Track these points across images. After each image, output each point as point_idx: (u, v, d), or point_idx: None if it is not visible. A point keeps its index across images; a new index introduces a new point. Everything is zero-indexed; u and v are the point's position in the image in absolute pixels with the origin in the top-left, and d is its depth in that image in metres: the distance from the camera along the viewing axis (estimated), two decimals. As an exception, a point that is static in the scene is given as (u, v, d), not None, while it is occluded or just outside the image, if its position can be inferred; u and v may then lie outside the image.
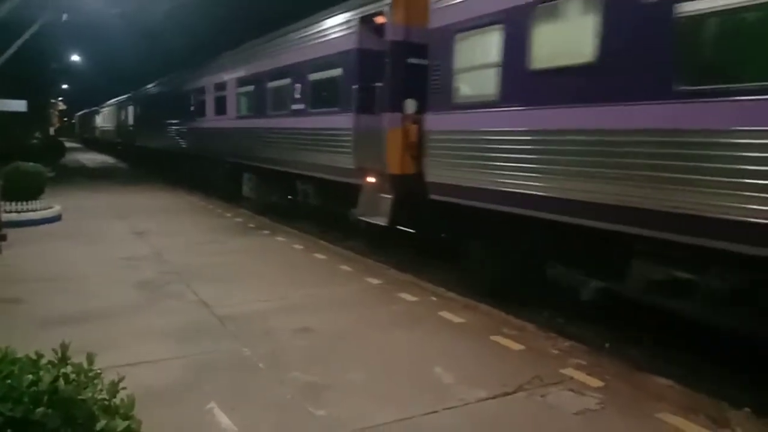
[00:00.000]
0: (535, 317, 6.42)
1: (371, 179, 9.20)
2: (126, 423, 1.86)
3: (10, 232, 10.20)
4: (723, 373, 5.14)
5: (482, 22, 6.87)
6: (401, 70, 8.62)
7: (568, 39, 5.94)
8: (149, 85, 28.21)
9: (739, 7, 4.42)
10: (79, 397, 1.84)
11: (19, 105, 19.69)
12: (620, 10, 5.28)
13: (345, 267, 8.51)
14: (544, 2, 6.02)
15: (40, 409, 1.74)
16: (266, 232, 11.58)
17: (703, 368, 5.24)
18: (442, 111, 7.60)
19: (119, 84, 42.68)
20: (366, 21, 9.31)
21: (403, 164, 8.42)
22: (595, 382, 4.55)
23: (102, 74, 52.27)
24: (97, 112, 54.56)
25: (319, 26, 10.85)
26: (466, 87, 7.36)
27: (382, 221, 8.72)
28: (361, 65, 9.40)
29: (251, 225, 12.37)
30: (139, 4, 22.27)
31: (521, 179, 6.32)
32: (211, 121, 17.31)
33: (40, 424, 1.72)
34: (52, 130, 46.68)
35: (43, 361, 1.99)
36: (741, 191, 4.33)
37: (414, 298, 6.88)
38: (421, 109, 8.02)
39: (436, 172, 7.72)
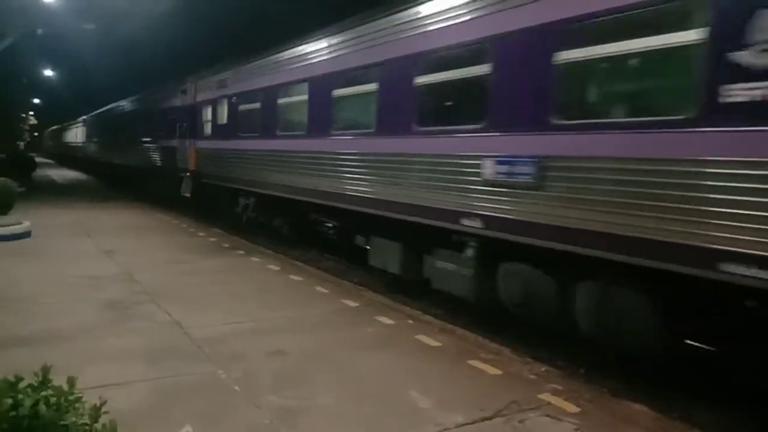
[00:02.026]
0: (511, 342, 6.44)
1: (186, 173, 17.48)
2: (108, 449, 1.81)
3: (-24, 249, 9.95)
4: (695, 398, 5.21)
5: (208, 102, 15.92)
6: (193, 118, 16.97)
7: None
8: (117, 103, 29.19)
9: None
10: (61, 423, 1.79)
11: (-11, 119, 19.27)
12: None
13: (321, 288, 8.46)
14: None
15: (21, 435, 1.69)
16: (241, 252, 11.47)
17: (675, 393, 5.32)
18: (199, 139, 16.47)
19: (92, 99, 42.20)
20: (182, 91, 17.97)
21: (194, 165, 16.88)
22: (572, 408, 4.58)
23: (74, 89, 51.68)
24: (68, 128, 54.15)
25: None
26: (207, 128, 16.06)
27: (188, 193, 17.47)
28: (181, 114, 18.18)
29: (225, 245, 12.24)
30: (114, 19, 22.16)
31: (227, 171, 14.41)
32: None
33: (19, 451, 1.67)
34: (22, 145, 45.79)
35: (22, 384, 1.94)
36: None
37: (390, 321, 6.86)
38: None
39: (201, 169, 16.40)
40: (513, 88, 6.25)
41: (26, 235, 11.96)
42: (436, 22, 7.41)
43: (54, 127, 70.35)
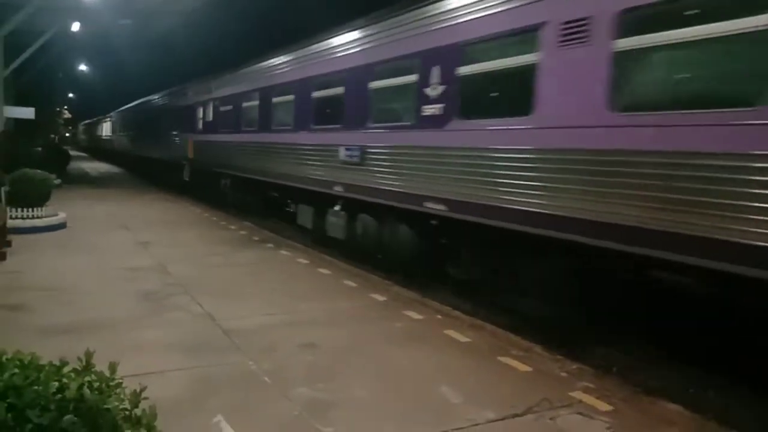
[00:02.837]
0: (541, 340, 6.39)
1: (187, 161, 20.76)
2: (149, 434, 1.85)
3: (15, 239, 10.23)
4: (732, 398, 5.10)
5: (200, 103, 19.38)
6: (191, 115, 20.12)
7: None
8: (142, 99, 30.81)
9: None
10: (104, 406, 1.83)
11: (28, 112, 19.76)
12: None
13: (349, 282, 8.49)
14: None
15: (68, 417, 1.73)
16: (270, 245, 11.57)
17: (712, 393, 5.21)
18: (195, 133, 19.72)
19: (124, 94, 42.99)
20: (184, 93, 21.02)
21: (192, 154, 20.02)
22: (604, 406, 4.52)
23: (108, 84, 52.67)
24: (100, 122, 55.37)
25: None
26: (199, 125, 19.17)
27: (187, 178, 20.92)
28: (184, 111, 21.33)
29: (255, 238, 12.37)
30: (149, 15, 22.48)
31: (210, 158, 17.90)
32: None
33: (65, 432, 1.71)
34: (57, 138, 46.87)
35: (67, 368, 1.98)
36: None
37: (419, 316, 6.86)
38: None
39: (195, 157, 19.65)
40: (352, 103, 9.80)
41: (62, 226, 12.25)
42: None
43: (87, 121, 71.83)
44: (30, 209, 11.91)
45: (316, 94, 11.18)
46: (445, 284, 8.54)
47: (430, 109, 7.86)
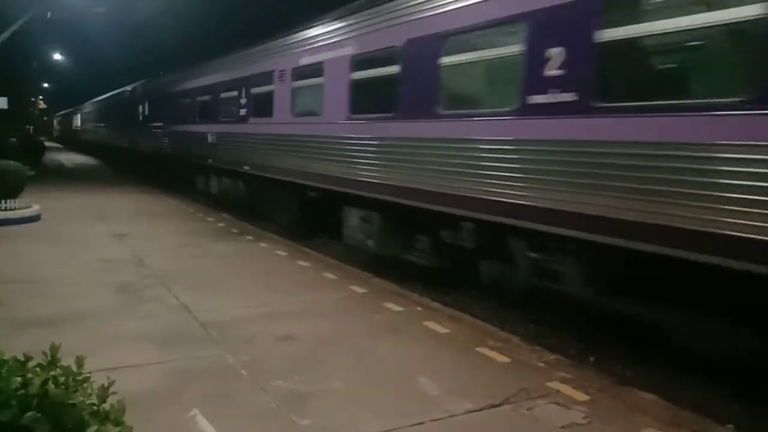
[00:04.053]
0: (519, 331, 6.42)
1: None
2: (117, 429, 1.80)
3: (-13, 231, 10.01)
4: (706, 388, 5.18)
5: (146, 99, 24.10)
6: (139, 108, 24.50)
7: None
8: (113, 92, 31.39)
9: None
10: (69, 402, 1.78)
11: (1, 102, 19.34)
12: None
13: (329, 274, 8.45)
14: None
15: (29, 414, 1.68)
16: (249, 237, 11.47)
17: (687, 382, 5.28)
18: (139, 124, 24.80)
19: (102, 84, 42.27)
20: (134, 90, 24.88)
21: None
22: (581, 396, 4.55)
23: (84, 73, 51.74)
24: (75, 113, 54.71)
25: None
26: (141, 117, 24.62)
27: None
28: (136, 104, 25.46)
29: (234, 230, 12.25)
30: (125, 3, 22.10)
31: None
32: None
33: (28, 429, 1.66)
34: (31, 129, 45.99)
35: (32, 363, 1.93)
36: None
37: (399, 308, 6.84)
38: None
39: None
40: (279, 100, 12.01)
41: (36, 218, 12.03)
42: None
43: (62, 112, 70.60)
44: (2, 201, 11.67)
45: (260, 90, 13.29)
46: (424, 276, 8.55)
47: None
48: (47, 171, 25.73)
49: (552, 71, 5.83)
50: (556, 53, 5.76)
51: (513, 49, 6.33)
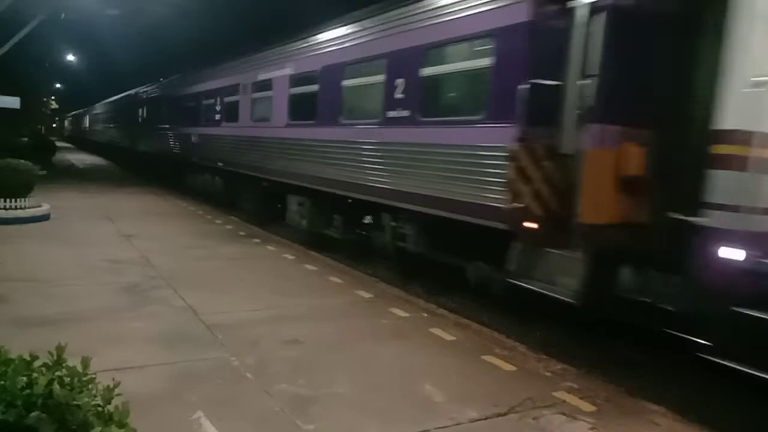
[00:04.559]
0: (526, 339, 6.38)
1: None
2: (121, 431, 1.79)
3: (-3, 229, 10.07)
4: (717, 400, 5.12)
5: (145, 102, 26.78)
6: (144, 110, 26.72)
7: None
8: (123, 94, 31.90)
9: None
10: (74, 403, 1.77)
11: (13, 102, 19.50)
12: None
13: (335, 279, 8.44)
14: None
15: (34, 414, 1.67)
16: (257, 240, 11.49)
17: (694, 394, 5.23)
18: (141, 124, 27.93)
19: (112, 85, 42.53)
20: (137, 93, 28.88)
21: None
22: (588, 407, 4.51)
23: (95, 74, 52.03)
24: (85, 114, 55.37)
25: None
26: (141, 119, 27.70)
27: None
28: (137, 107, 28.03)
29: (241, 232, 12.27)
30: (138, 5, 22.25)
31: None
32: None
33: (32, 429, 1.65)
34: (43, 129, 46.33)
35: (37, 363, 1.92)
36: None
37: (405, 314, 6.82)
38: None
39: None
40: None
41: (45, 217, 12.09)
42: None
43: (74, 113, 71.05)
44: (13, 200, 11.74)
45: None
46: (432, 283, 8.60)
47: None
48: (57, 170, 25.89)
49: (398, 95, 8.36)
50: (401, 82, 8.31)
51: (379, 78, 8.81)
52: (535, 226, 6.04)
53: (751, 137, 4.59)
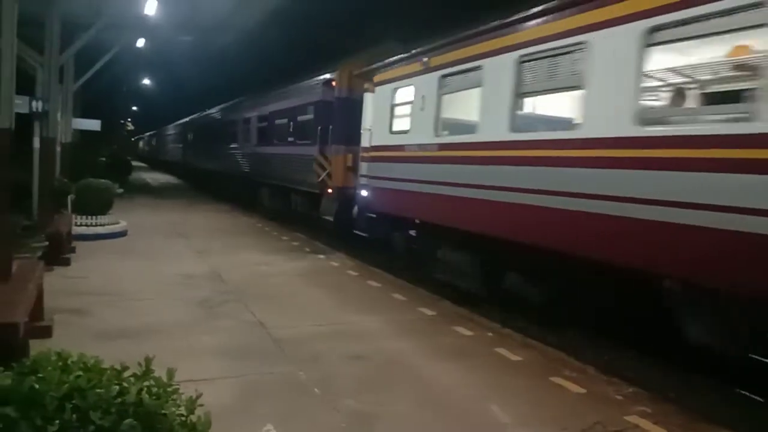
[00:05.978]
0: (596, 361, 6.21)
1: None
2: (204, 440, 1.88)
3: (79, 245, 10.67)
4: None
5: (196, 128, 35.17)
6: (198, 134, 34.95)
7: None
8: (208, 111, 32.51)
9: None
10: (162, 411, 1.88)
11: (94, 124, 20.73)
12: None
13: (398, 295, 8.48)
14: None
15: (128, 421, 1.79)
16: (321, 256, 11.70)
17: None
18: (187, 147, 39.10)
19: (184, 107, 44.47)
20: (194, 118, 36.55)
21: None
22: (661, 432, 4.35)
23: (169, 97, 54.50)
24: (158, 135, 58.12)
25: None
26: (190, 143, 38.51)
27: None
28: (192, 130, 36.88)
29: (307, 249, 12.53)
30: (210, 32, 23.22)
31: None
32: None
33: (124, 436, 1.76)
34: (120, 149, 48.80)
35: (127, 373, 2.05)
36: None
37: (469, 333, 6.78)
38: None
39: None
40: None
41: (123, 234, 12.71)
42: None
43: (148, 133, 74.54)
44: (93, 217, 12.41)
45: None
46: (498, 301, 8.49)
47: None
48: (134, 189, 27.19)
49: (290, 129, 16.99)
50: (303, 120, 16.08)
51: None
52: (330, 190, 13.79)
53: (369, 149, 11.98)
